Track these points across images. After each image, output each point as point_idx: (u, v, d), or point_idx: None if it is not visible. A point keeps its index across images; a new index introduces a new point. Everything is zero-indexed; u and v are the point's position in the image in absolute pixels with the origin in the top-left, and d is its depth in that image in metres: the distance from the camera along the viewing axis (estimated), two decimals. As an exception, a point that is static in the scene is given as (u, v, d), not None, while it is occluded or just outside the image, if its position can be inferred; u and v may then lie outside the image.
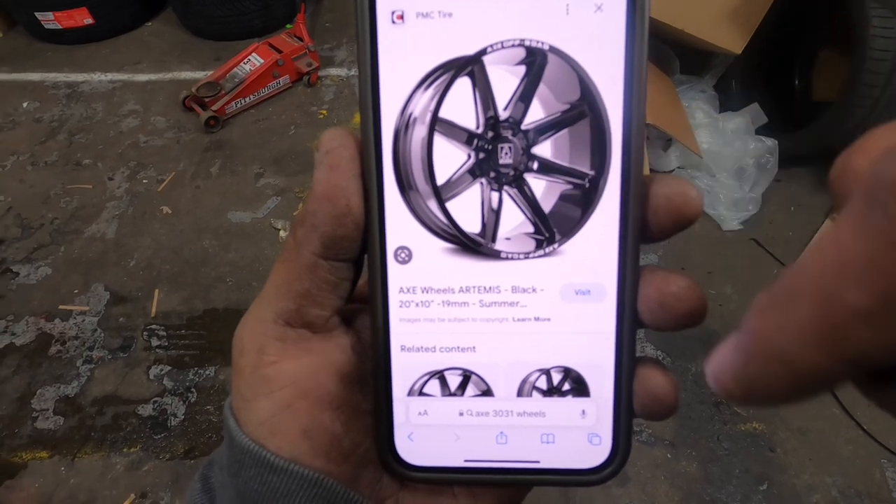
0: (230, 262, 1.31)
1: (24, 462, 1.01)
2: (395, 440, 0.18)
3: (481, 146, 0.17)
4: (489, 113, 0.17)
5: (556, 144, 0.17)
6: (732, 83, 1.54)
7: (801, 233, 1.34)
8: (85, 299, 1.25)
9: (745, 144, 1.39)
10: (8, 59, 1.94)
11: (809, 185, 1.45)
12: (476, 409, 0.18)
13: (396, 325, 0.18)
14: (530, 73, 0.17)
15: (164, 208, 1.44)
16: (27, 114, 1.73)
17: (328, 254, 0.17)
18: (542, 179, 0.17)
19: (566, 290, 0.18)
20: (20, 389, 1.10)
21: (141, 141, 1.63)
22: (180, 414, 1.06)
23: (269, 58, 1.69)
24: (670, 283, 0.16)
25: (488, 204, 0.17)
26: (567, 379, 0.18)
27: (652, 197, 0.17)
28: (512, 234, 0.17)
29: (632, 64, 0.16)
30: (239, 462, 0.17)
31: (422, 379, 0.18)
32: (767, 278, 1.25)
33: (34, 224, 1.41)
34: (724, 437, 1.02)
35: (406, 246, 0.18)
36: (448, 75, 0.17)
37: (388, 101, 0.17)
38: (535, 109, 0.17)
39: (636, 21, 0.16)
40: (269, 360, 0.18)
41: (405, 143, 0.17)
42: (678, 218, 0.16)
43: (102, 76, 1.87)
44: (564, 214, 0.17)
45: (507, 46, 0.16)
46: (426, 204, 0.17)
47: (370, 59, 0.17)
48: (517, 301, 0.18)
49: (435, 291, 0.18)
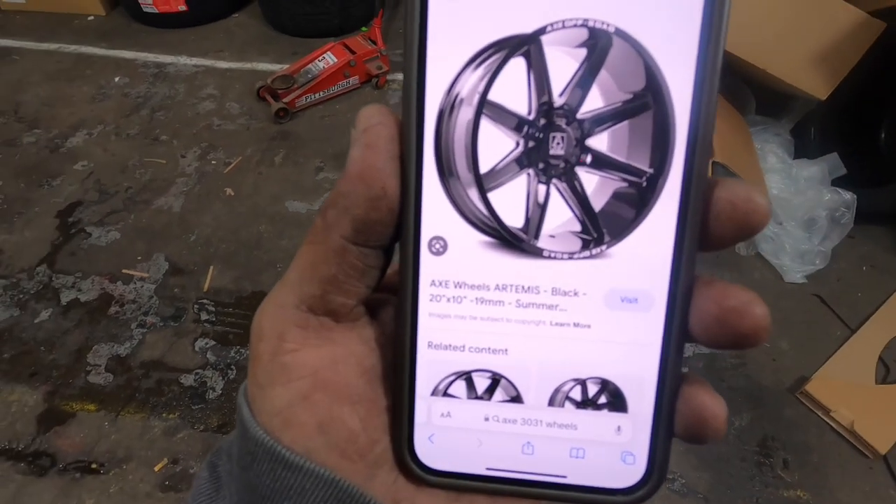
0: (282, 249, 1.36)
1: (74, 412, 1.07)
2: (414, 441, 0.17)
3: (531, 134, 0.16)
4: (543, 98, 0.15)
5: (613, 137, 0.16)
6: (811, 130, 1.47)
7: (871, 294, 1.25)
8: (146, 266, 1.32)
9: (819, 195, 1.32)
10: (108, 37, 2.10)
11: (886, 247, 1.36)
12: (503, 415, 0.17)
13: (425, 320, 0.17)
14: (592, 56, 0.15)
15: (227, 190, 1.51)
16: (117, 88, 1.86)
17: (359, 238, 0.16)
18: (594, 174, 0.16)
19: (611, 297, 0.16)
20: (79, 343, 1.18)
21: (215, 124, 1.72)
22: (218, 388, 1.10)
23: (343, 58, 1.75)
24: (730, 297, 0.15)
25: (534, 197, 0.16)
26: (604, 391, 0.17)
27: (715, 201, 0.15)
28: (557, 231, 0.16)
29: (706, 55, 0.15)
30: (251, 454, 0.17)
31: (448, 378, 0.17)
32: (829, 339, 1.17)
33: (110, 190, 1.51)
34: (764, 500, 0.96)
35: (441, 236, 0.16)
36: (501, 54, 0.15)
37: (434, 78, 0.16)
38: (594, 97, 0.15)
39: (715, 8, 0.15)
40: (289, 348, 0.17)
41: (449, 126, 0.16)
42: (741, 226, 0.15)
43: (188, 60, 1.98)
44: (616, 214, 0.16)
45: (569, 26, 0.15)
46: (467, 192, 0.16)
47: (418, 31, 0.15)
48: (557, 304, 0.16)
49: (469, 287, 0.17)
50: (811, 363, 1.13)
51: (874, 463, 1.00)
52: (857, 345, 1.16)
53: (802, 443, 1.03)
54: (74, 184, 1.53)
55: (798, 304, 1.24)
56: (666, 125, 0.15)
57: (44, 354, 1.16)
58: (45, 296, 1.26)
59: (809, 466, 1.00)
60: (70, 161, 1.60)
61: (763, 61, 1.27)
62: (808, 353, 1.15)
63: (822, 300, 1.25)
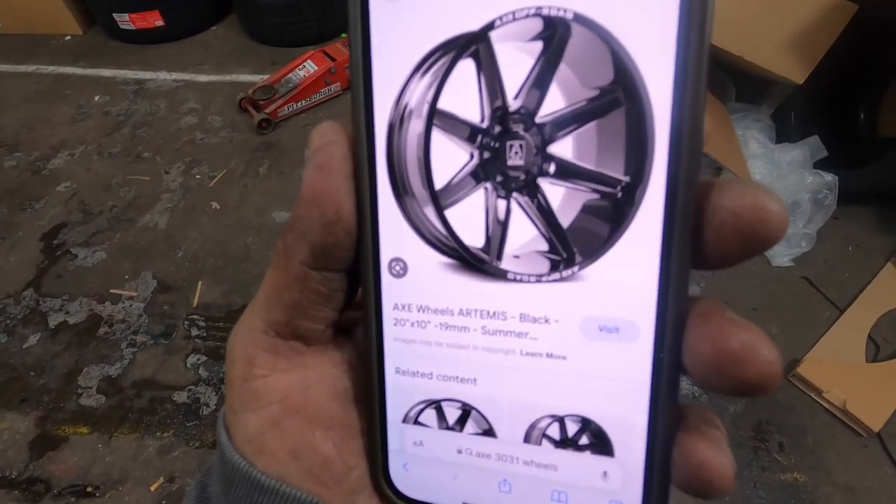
0: (270, 261, 1.35)
1: (66, 436, 1.06)
2: (389, 468, 0.17)
3: (486, 143, 0.14)
4: (496, 103, 0.14)
5: (579, 142, 0.14)
6: (791, 114, 1.48)
7: (857, 274, 1.26)
8: (134, 285, 1.31)
9: (802, 178, 1.33)
10: (85, 56, 2.09)
11: (869, 226, 1.37)
12: (476, 448, 0.16)
13: (391, 345, 0.16)
14: (548, 50, 0.13)
15: (213, 204, 1.50)
16: (98, 107, 1.85)
17: (318, 264, 0.15)
18: (560, 186, 0.14)
19: (588, 325, 0.14)
20: (69, 366, 1.17)
21: (197, 138, 1.71)
22: (212, 404, 1.10)
23: (323, 65, 1.75)
24: (730, 338, 0.12)
25: (494, 214, 0.14)
26: (585, 431, 0.15)
27: (714, 210, 0.13)
28: (521, 251, 0.14)
29: (689, 36, 0.12)
30: (229, 480, 0.17)
31: (417, 406, 0.16)
32: (818, 320, 1.18)
33: (95, 210, 1.50)
34: (762, 485, 0.97)
35: (401, 258, 0.15)
36: (448, 57, 0.14)
37: (381, 90, 0.14)
38: (555, 97, 0.13)
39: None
40: (259, 374, 0.16)
41: (400, 140, 0.15)
42: (750, 239, 0.12)
43: (167, 75, 1.97)
44: (588, 231, 0.14)
45: (520, 17, 0.13)
46: (423, 211, 0.15)
47: (361, 40, 0.14)
48: (526, 332, 0.15)
49: (432, 311, 0.16)
50: (802, 345, 1.14)
51: (868, 441, 1.01)
52: (847, 325, 1.17)
53: (797, 425, 1.04)
54: (58, 205, 1.52)
55: (786, 287, 1.25)
56: (642, 124, 0.13)
57: (34, 379, 1.15)
58: (33, 320, 1.25)
59: (805, 448, 1.01)
60: (53, 183, 1.58)
61: (739, 48, 1.28)
62: (798, 336, 1.16)
63: (809, 282, 1.26)
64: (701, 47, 0.12)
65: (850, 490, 0.96)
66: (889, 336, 1.15)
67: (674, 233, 0.13)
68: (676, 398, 0.14)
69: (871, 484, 0.96)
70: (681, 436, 0.14)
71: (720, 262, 0.13)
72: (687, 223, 0.13)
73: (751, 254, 0.13)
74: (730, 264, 0.13)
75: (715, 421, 0.14)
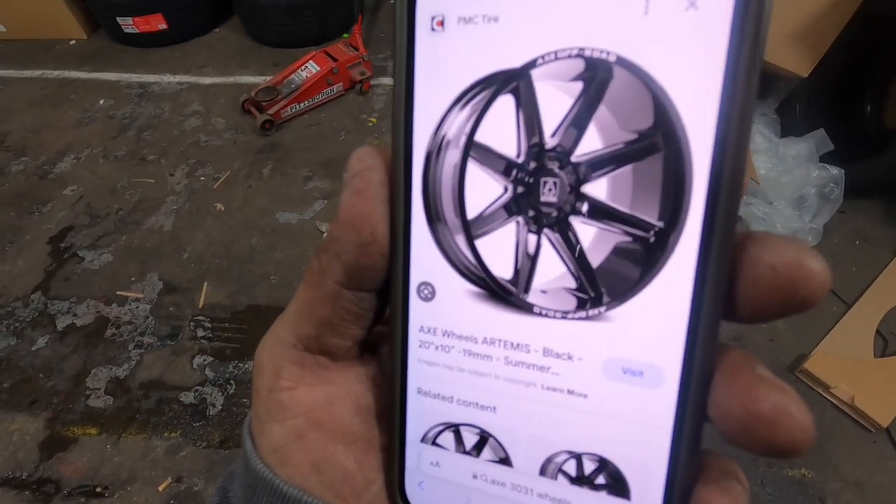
0: (275, 261, 1.36)
1: (76, 437, 1.07)
2: (405, 485, 0.17)
3: (521, 178, 0.14)
4: (533, 139, 0.14)
5: (614, 183, 0.14)
6: (796, 107, 1.47)
7: (865, 268, 1.25)
8: (140, 287, 1.32)
9: (807, 172, 1.32)
10: (90, 60, 2.10)
11: (877, 219, 1.36)
12: (491, 475, 0.16)
13: (415, 366, 0.17)
14: (589, 90, 0.13)
15: (217, 205, 1.51)
16: (103, 110, 1.87)
17: (351, 284, 0.16)
18: (592, 226, 0.14)
19: (611, 366, 0.14)
20: (77, 368, 1.18)
21: (201, 140, 1.72)
22: (219, 404, 1.11)
23: (325, 66, 1.75)
24: (762, 399, 0.12)
25: (524, 247, 0.15)
26: (602, 471, 0.15)
27: (751, 264, 0.12)
28: (549, 286, 0.15)
29: (735, 84, 0.12)
30: (252, 487, 0.17)
31: (436, 428, 0.17)
32: (825, 315, 1.17)
33: (101, 213, 1.51)
34: (769, 481, 0.96)
35: (430, 283, 0.16)
36: (488, 92, 0.14)
37: (421, 119, 0.15)
38: (592, 138, 0.14)
39: (748, 23, 0.12)
40: (285, 385, 0.17)
41: (436, 169, 0.15)
42: (787, 298, 0.12)
43: (171, 78, 1.99)
44: (618, 273, 0.14)
45: (562, 57, 0.13)
46: (454, 239, 0.15)
47: (405, 70, 0.15)
48: (549, 366, 0.15)
49: (456, 337, 0.16)
50: (809, 341, 1.13)
51: (877, 436, 1.00)
52: (854, 319, 1.16)
53: (804, 421, 1.03)
54: (65, 209, 1.53)
55: (793, 282, 1.24)
56: (680, 170, 0.13)
57: (43, 381, 1.16)
58: (42, 323, 1.26)
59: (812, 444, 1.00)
60: (59, 187, 1.60)
61: (742, 42, 1.26)
62: (805, 332, 1.15)
63: (816, 277, 1.25)
64: (747, 97, 0.12)
65: (859, 485, 0.95)
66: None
67: (706, 282, 0.13)
68: (699, 448, 0.14)
69: (880, 479, 0.95)
70: (699, 487, 0.14)
71: (753, 317, 0.13)
72: (721, 273, 0.13)
73: (787, 312, 0.12)
74: (763, 320, 0.13)
75: (737, 474, 0.14)
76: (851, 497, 0.94)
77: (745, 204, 1.32)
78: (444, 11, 0.14)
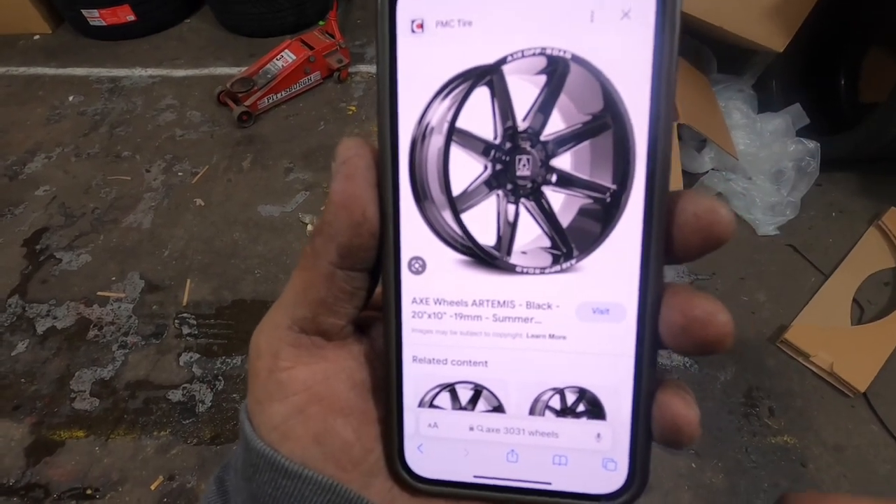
0: (258, 255, 1.34)
1: (62, 440, 1.06)
2: (405, 451, 0.18)
3: (498, 157, 0.17)
4: (507, 123, 0.16)
5: (576, 157, 0.16)
6: (772, 83, 1.48)
7: (841, 239, 1.28)
8: (121, 286, 1.30)
9: (785, 146, 1.34)
10: (56, 55, 2.03)
11: (852, 191, 1.38)
12: (486, 424, 0.18)
13: (409, 336, 0.18)
14: (551, 82, 0.16)
15: (197, 200, 1.48)
16: (72, 107, 1.81)
17: (345, 263, 0.17)
18: (560, 193, 0.17)
19: (583, 309, 0.17)
20: (60, 371, 1.16)
21: (177, 135, 1.68)
22: (208, 401, 1.10)
23: (301, 54, 1.72)
24: (694, 307, 0.15)
25: (504, 216, 0.17)
26: (582, 400, 0.17)
27: (678, 213, 0.16)
28: (528, 248, 0.17)
29: (660, 73, 0.15)
30: (254, 466, 0.18)
31: (432, 391, 0.18)
32: (804, 286, 1.20)
33: (76, 213, 1.48)
34: (753, 449, 0.99)
35: (420, 256, 0.17)
36: (466, 84, 0.16)
37: (405, 110, 0.17)
38: (556, 120, 0.16)
39: (666, 28, 0.15)
40: (284, 366, 0.18)
41: (422, 153, 0.17)
42: (706, 237, 0.15)
43: (143, 71, 1.93)
44: (583, 229, 0.17)
45: (528, 55, 0.16)
46: (441, 215, 0.17)
47: (388, 67, 0.17)
48: (531, 317, 0.17)
49: (448, 303, 0.18)
50: (789, 312, 1.15)
51: (855, 401, 1.03)
52: (832, 289, 1.19)
53: (786, 390, 1.06)
54: (38, 210, 1.49)
55: (772, 255, 1.27)
56: (625, 143, 0.16)
57: (25, 386, 1.14)
58: (20, 327, 1.24)
59: (794, 411, 1.03)
60: (31, 187, 1.55)
61: (719, 18, 1.27)
62: (785, 303, 1.18)
63: (795, 249, 1.27)
64: (670, 84, 0.16)
65: (839, 449, 0.98)
66: (873, 298, 1.17)
67: (652, 229, 0.16)
68: (656, 367, 0.17)
69: (859, 442, 0.99)
70: (658, 395, 0.17)
71: (685, 255, 0.16)
72: (661, 222, 0.16)
73: (707, 249, 0.16)
74: (690, 258, 0.16)
75: (686, 388, 0.17)
76: (832, 461, 0.97)
77: (724, 180, 1.34)
78: (423, 16, 0.16)
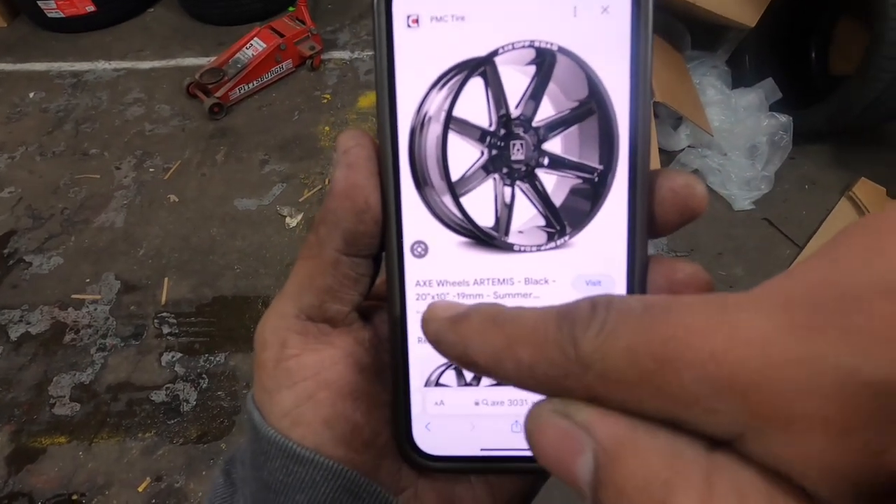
0: (237, 250, 1.32)
1: (44, 447, 1.04)
2: (412, 431, 0.19)
3: (494, 143, 0.18)
4: (501, 111, 0.18)
5: (565, 141, 0.18)
6: (745, 58, 1.49)
7: (815, 212, 1.31)
8: (96, 288, 1.27)
9: (758, 121, 1.35)
10: (13, 50, 1.95)
11: (824, 163, 1.41)
12: (491, 398, 0.19)
13: (413, 318, 0.19)
14: (540, 72, 0.17)
15: (171, 197, 1.45)
16: (34, 104, 1.74)
17: (349, 250, 0.18)
18: (552, 174, 0.18)
19: (577, 281, 0.18)
20: (37, 377, 1.13)
21: (146, 129, 1.63)
22: (192, 400, 1.08)
23: (272, 42, 1.67)
24: (677, 271, 0.17)
25: (501, 199, 0.18)
26: None
27: (658, 189, 0.17)
28: (524, 227, 0.18)
29: (637, 63, 0.17)
30: (265, 454, 0.18)
31: (438, 370, 0.19)
32: (779, 259, 1.23)
33: (45, 214, 1.43)
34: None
35: (422, 240, 0.18)
36: (461, 75, 0.17)
37: (403, 101, 0.18)
38: (546, 107, 0.17)
39: (640, 22, 0.17)
40: (292, 354, 0.18)
41: (421, 141, 0.18)
42: (683, 211, 0.17)
43: (106, 64, 1.86)
44: (575, 208, 0.18)
45: (518, 47, 0.17)
46: (441, 199, 0.18)
47: (387, 61, 0.18)
48: (530, 292, 0.18)
49: (450, 284, 0.18)
50: (765, 284, 1.18)
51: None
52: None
53: (764, 360, 1.09)
54: (4, 213, 1.44)
55: (749, 230, 1.29)
56: (610, 126, 0.17)
57: (2, 394, 1.11)
58: (-7, 334, 1.20)
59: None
60: (-5, 189, 1.50)
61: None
62: (762, 276, 1.19)
63: (770, 223, 1.30)
64: (646, 73, 0.17)
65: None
66: (845, 268, 1.21)
67: (636, 205, 0.17)
68: None
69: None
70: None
71: (664, 228, 0.18)
72: (644, 198, 0.17)
73: (684, 221, 0.17)
74: (670, 230, 0.17)
75: None
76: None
77: (700, 157, 1.35)
78: (418, 12, 0.17)
